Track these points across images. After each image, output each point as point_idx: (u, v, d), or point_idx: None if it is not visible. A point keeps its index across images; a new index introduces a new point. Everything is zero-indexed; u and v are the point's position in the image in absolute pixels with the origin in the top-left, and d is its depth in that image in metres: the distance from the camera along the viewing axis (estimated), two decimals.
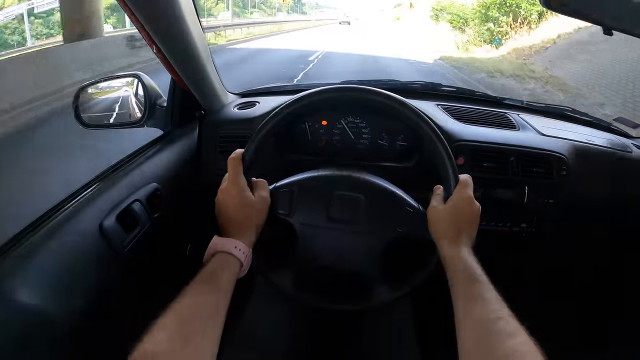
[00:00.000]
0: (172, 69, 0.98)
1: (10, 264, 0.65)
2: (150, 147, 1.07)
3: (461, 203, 0.75)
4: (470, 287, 0.65)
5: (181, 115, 1.15)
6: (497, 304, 0.61)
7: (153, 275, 1.07)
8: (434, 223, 0.77)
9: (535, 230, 1.14)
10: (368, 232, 0.80)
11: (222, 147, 1.16)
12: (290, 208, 0.81)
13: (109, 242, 0.82)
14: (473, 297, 0.63)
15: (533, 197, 1.12)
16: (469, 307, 0.62)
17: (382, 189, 0.82)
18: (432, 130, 0.78)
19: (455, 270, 0.69)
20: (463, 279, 0.67)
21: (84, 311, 0.76)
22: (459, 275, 0.68)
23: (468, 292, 0.64)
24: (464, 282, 0.66)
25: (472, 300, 0.63)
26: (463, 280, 0.66)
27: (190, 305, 0.59)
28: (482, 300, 0.62)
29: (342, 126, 1.21)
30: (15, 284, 0.64)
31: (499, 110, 1.34)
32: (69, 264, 0.73)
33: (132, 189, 0.92)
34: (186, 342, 0.54)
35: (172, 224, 1.07)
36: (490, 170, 1.09)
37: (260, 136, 0.79)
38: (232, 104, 1.28)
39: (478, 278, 0.66)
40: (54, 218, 0.76)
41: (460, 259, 0.69)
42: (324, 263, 0.82)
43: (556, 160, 1.12)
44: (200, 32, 0.94)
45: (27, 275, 0.66)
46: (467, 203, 0.75)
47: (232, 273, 0.67)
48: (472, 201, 0.76)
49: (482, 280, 0.65)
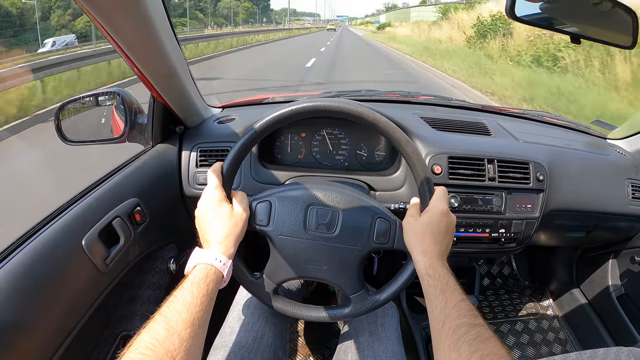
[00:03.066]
0: (152, 86, 0.99)
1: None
2: (130, 162, 1.08)
3: (436, 215, 0.77)
4: (443, 297, 0.66)
5: (162, 130, 1.16)
6: (470, 313, 0.63)
7: (135, 289, 1.08)
8: (408, 235, 0.79)
9: (514, 236, 1.16)
10: (344, 244, 0.81)
11: (202, 161, 1.17)
12: (269, 220, 0.82)
13: (91, 258, 0.83)
14: (447, 308, 0.64)
15: (511, 203, 1.14)
16: (443, 317, 0.64)
17: (358, 201, 0.83)
18: (406, 143, 0.80)
19: (428, 282, 0.70)
20: (436, 290, 0.68)
21: (65, 325, 0.77)
22: (431, 288, 0.69)
23: (442, 303, 0.66)
24: (437, 293, 0.67)
25: (446, 311, 0.64)
26: (435, 291, 0.68)
27: (178, 311, 0.60)
28: (456, 309, 0.63)
29: (321, 138, 1.23)
30: None
31: (475, 118, 1.37)
32: (51, 280, 0.74)
33: (113, 205, 0.93)
34: (178, 344, 0.56)
35: (154, 238, 1.08)
36: (468, 177, 1.11)
37: (238, 149, 0.80)
38: (212, 118, 1.29)
39: (451, 289, 0.67)
40: (37, 235, 0.77)
41: (434, 270, 0.71)
42: (301, 274, 0.84)
43: (533, 166, 1.14)
44: (177, 50, 0.96)
45: (7, 291, 0.66)
46: (441, 215, 0.77)
47: (214, 283, 0.68)
48: (446, 213, 0.77)
49: (454, 290, 0.67)
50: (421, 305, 1.55)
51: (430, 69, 11.55)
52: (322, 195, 0.83)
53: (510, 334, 1.61)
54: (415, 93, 1.62)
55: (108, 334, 0.99)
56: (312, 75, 10.18)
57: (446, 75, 9.97)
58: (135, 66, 0.89)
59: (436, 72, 10.85)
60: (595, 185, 1.24)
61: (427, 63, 12.60)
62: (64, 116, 1.14)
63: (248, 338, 0.91)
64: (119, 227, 0.92)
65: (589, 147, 1.38)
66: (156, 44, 0.86)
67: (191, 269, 0.70)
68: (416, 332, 1.37)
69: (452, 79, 9.47)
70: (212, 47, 16.64)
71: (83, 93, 1.17)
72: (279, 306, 0.86)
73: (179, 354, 0.55)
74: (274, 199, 0.83)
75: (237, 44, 20.31)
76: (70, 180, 3.24)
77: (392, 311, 1.04)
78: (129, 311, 1.04)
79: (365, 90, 1.61)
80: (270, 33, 35.69)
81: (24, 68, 6.60)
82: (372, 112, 0.79)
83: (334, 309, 0.86)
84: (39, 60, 7.37)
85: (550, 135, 1.38)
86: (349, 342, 0.97)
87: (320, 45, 24.06)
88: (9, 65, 8.34)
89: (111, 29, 0.75)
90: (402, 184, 1.12)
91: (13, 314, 0.66)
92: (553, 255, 1.73)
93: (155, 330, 0.56)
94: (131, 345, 0.54)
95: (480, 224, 1.13)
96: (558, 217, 1.21)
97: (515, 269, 1.91)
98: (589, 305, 1.59)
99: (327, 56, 16.35)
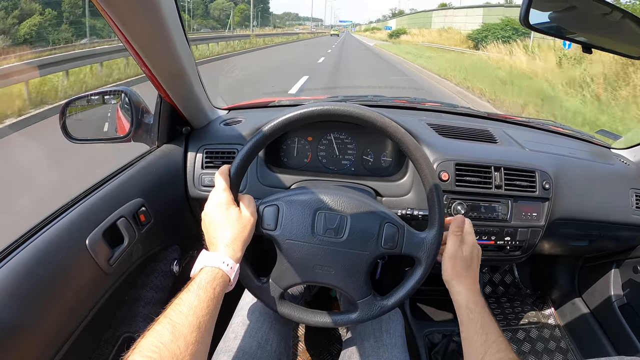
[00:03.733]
0: (160, 86, 0.99)
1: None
2: (136, 162, 1.08)
3: (472, 249, 0.85)
4: (483, 332, 0.74)
5: (168, 131, 1.16)
6: (507, 348, 0.71)
7: (138, 290, 1.07)
8: (449, 270, 0.84)
9: (519, 244, 1.15)
10: (352, 249, 0.81)
11: (208, 163, 1.17)
12: (276, 224, 0.82)
13: (95, 258, 0.82)
14: (487, 342, 0.73)
15: (517, 211, 1.13)
16: (483, 351, 0.72)
17: (366, 206, 0.83)
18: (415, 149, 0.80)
19: (468, 316, 0.78)
20: (476, 325, 0.76)
21: (67, 326, 0.76)
22: (471, 322, 0.77)
23: (482, 337, 0.74)
24: (478, 328, 0.75)
25: (486, 345, 0.72)
26: (476, 326, 0.76)
27: (184, 314, 0.59)
28: (496, 345, 0.72)
29: (328, 142, 1.23)
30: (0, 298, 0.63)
31: (481, 125, 1.37)
32: (53, 280, 0.73)
33: (117, 205, 0.92)
34: (184, 348, 0.55)
35: (157, 239, 1.07)
36: (474, 184, 1.10)
37: (246, 152, 0.79)
38: (218, 120, 1.29)
39: (489, 323, 0.76)
40: (39, 234, 0.76)
41: (475, 305, 0.78)
42: (308, 279, 0.83)
43: (539, 175, 1.13)
44: (187, 50, 0.95)
45: (8, 290, 0.65)
46: (474, 247, 0.85)
47: (220, 287, 0.67)
48: (477, 245, 0.86)
49: (493, 325, 0.75)
50: (424, 312, 1.54)
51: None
52: (330, 199, 0.82)
53: (511, 342, 1.60)
54: (421, 99, 1.62)
55: (110, 335, 0.98)
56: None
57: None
58: (145, 65, 0.89)
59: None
60: (600, 195, 1.24)
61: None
62: (70, 113, 1.13)
63: (252, 344, 0.91)
64: (124, 227, 0.91)
65: (594, 156, 1.38)
66: (167, 43, 0.85)
67: (198, 271, 0.69)
68: (419, 339, 1.36)
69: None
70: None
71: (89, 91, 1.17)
72: (285, 311, 0.85)
73: (185, 357, 0.54)
74: (281, 203, 0.82)
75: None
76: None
77: (397, 317, 1.04)
78: (131, 312, 1.03)
79: (372, 95, 1.61)
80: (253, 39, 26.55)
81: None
82: (381, 117, 0.79)
83: (341, 315, 0.85)
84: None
85: (555, 144, 1.38)
86: (353, 348, 0.96)
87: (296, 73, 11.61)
88: None
89: (124, 26, 0.75)
90: (408, 190, 1.11)
91: (14, 314, 0.65)
92: (555, 264, 1.73)
93: (161, 333, 0.56)
94: (135, 347, 0.53)
95: (486, 231, 1.13)
96: (562, 225, 1.21)
97: (517, 277, 1.90)
98: (590, 314, 1.59)
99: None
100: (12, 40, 22.02)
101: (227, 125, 1.25)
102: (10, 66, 6.51)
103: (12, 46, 19.60)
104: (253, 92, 7.83)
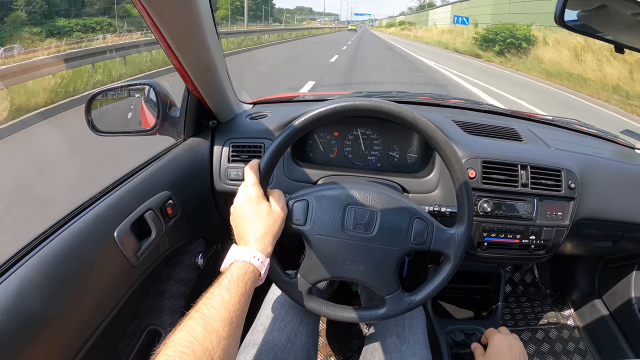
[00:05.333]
0: (189, 79, 0.99)
1: (25, 269, 0.65)
2: (163, 155, 1.08)
3: (503, 350, 0.95)
4: None
5: (194, 124, 1.16)
6: None
7: (163, 283, 1.07)
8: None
9: (544, 243, 1.14)
10: (381, 244, 0.80)
11: (234, 157, 1.17)
12: (306, 219, 0.81)
13: (123, 250, 0.82)
14: None
15: (542, 210, 1.12)
16: None
17: (396, 202, 0.82)
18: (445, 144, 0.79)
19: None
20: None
21: (94, 318, 0.76)
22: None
23: None
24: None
25: None
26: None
27: (216, 308, 0.59)
28: None
29: (354, 137, 1.22)
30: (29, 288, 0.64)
31: (505, 123, 1.35)
32: (82, 271, 0.74)
33: (145, 198, 0.93)
34: (216, 343, 0.55)
35: (183, 232, 1.08)
36: (501, 182, 1.09)
37: (277, 146, 0.79)
38: (244, 114, 1.29)
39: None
40: (68, 225, 0.76)
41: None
42: (337, 274, 0.83)
43: (565, 174, 1.12)
44: (217, 43, 0.95)
45: (37, 281, 0.66)
46: (507, 348, 0.95)
47: (251, 281, 0.67)
48: (510, 345, 0.96)
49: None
50: (446, 310, 1.54)
51: None
52: (360, 195, 0.82)
53: (530, 342, 1.60)
54: (445, 96, 1.61)
55: (135, 327, 0.99)
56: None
57: None
58: (176, 58, 0.89)
59: None
60: (624, 195, 1.23)
61: None
62: (95, 106, 1.13)
63: (281, 337, 0.91)
64: (151, 220, 0.91)
65: (618, 156, 1.36)
66: (200, 37, 0.85)
67: (228, 265, 0.69)
68: (441, 337, 1.36)
69: None
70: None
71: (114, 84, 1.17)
72: (313, 306, 0.85)
73: (217, 352, 0.54)
74: (311, 198, 0.82)
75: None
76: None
77: (419, 314, 1.04)
78: (156, 305, 1.04)
79: (396, 91, 1.60)
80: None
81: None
82: (412, 112, 0.79)
83: (369, 310, 0.85)
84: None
85: (580, 143, 1.36)
86: (376, 344, 0.96)
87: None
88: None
89: (158, 19, 0.75)
90: (435, 187, 1.11)
91: (43, 305, 0.65)
92: (576, 264, 1.71)
93: (193, 328, 0.55)
94: (167, 342, 0.53)
95: (511, 230, 1.12)
96: (586, 225, 1.20)
97: (537, 277, 1.89)
98: (610, 316, 1.57)
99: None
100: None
101: (253, 120, 1.25)
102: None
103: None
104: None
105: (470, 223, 0.82)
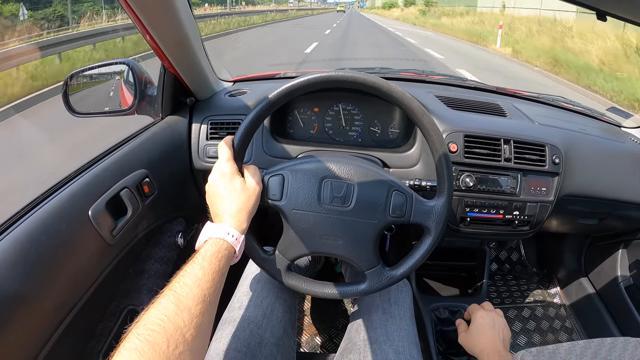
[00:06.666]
0: (163, 55, 0.97)
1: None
2: (140, 133, 1.06)
3: (486, 327, 0.93)
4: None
5: (172, 102, 1.14)
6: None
7: (142, 262, 1.06)
8: (468, 347, 0.93)
9: (528, 219, 1.14)
10: (359, 217, 0.79)
11: (213, 134, 1.15)
12: (282, 194, 0.80)
13: (98, 229, 0.81)
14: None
15: (526, 185, 1.12)
16: None
17: (373, 174, 0.81)
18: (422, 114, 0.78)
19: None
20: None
21: (70, 298, 0.75)
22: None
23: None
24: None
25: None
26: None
27: (189, 286, 0.58)
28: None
29: (334, 113, 1.21)
30: (2, 268, 0.63)
31: (490, 99, 1.34)
32: (56, 251, 0.72)
33: (121, 176, 0.91)
34: (188, 321, 0.54)
35: (162, 211, 1.07)
36: (483, 156, 1.09)
37: (250, 121, 0.78)
38: (223, 92, 1.27)
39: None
40: (42, 204, 0.75)
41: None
42: (315, 249, 0.82)
43: (550, 149, 1.11)
44: (192, 20, 0.93)
45: (10, 261, 0.65)
46: (489, 326, 0.93)
47: (225, 259, 0.66)
48: (494, 322, 0.94)
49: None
50: (431, 287, 1.54)
51: None
52: (337, 168, 0.81)
53: (517, 320, 1.61)
54: (429, 72, 1.59)
55: (114, 307, 0.98)
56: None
57: None
58: (148, 33, 0.87)
59: None
60: (610, 172, 1.22)
61: None
62: (72, 88, 1.11)
63: (257, 313, 0.90)
64: (127, 198, 0.90)
65: (605, 133, 1.35)
66: (171, 10, 0.83)
67: (202, 243, 0.67)
68: (425, 314, 1.36)
69: None
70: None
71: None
72: (292, 283, 0.84)
73: (189, 330, 0.53)
74: (286, 172, 0.81)
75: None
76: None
77: (405, 289, 1.03)
78: (135, 285, 1.03)
79: (379, 67, 1.59)
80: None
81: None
82: (387, 83, 0.77)
83: (349, 286, 0.84)
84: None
85: (566, 120, 1.35)
86: (360, 321, 0.95)
87: None
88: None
89: None
90: (416, 161, 1.10)
91: (16, 285, 0.64)
92: (562, 242, 1.72)
93: (165, 306, 0.54)
94: (139, 320, 0.52)
95: (495, 205, 1.11)
96: (572, 202, 1.20)
97: (524, 255, 1.89)
98: (596, 294, 1.58)
99: None
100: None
101: (232, 97, 1.23)
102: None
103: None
104: None
105: (451, 195, 0.81)
